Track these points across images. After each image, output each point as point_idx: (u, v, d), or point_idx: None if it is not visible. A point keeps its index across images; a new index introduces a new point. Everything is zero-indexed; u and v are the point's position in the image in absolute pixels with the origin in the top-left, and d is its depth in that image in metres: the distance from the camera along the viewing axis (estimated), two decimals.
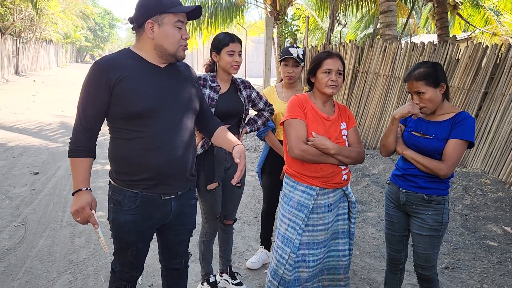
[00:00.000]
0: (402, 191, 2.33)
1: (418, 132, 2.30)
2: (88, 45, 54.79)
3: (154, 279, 3.02)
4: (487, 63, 5.60)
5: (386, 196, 2.50)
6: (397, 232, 2.44)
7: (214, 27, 13.89)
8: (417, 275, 2.40)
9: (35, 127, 8.99)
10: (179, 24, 1.79)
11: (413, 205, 2.30)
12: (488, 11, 13.79)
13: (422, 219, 2.27)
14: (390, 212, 2.45)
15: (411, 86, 2.26)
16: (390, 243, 2.49)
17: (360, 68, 7.55)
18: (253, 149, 7.65)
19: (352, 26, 18.90)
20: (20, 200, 4.59)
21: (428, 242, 2.28)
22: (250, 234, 3.94)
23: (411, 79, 2.25)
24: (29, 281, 2.95)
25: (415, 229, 2.31)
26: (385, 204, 2.50)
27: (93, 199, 1.83)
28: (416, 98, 2.24)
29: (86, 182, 1.81)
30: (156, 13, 1.76)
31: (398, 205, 2.39)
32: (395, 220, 2.43)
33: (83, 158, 1.80)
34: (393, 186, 2.42)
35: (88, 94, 1.77)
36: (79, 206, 1.78)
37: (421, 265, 2.33)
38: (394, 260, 2.51)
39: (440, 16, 8.87)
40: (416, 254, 2.34)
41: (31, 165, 6.01)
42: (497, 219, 4.17)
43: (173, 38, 1.79)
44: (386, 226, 2.49)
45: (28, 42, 26.47)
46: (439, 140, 2.21)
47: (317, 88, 2.28)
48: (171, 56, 1.84)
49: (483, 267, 3.42)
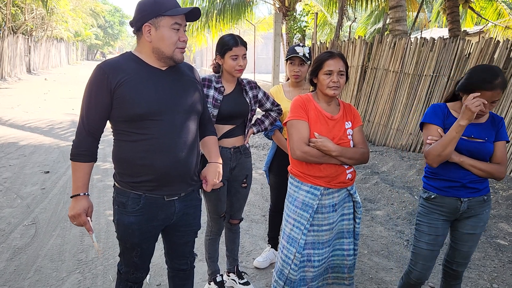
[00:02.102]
0: (464, 200, 2.19)
1: (468, 137, 2.15)
2: (98, 42, 55.20)
3: (162, 279, 3.04)
4: (498, 58, 5.50)
5: (430, 211, 2.26)
6: (439, 246, 2.28)
7: (223, 24, 13.88)
8: (449, 273, 2.38)
9: (46, 125, 9.10)
10: (176, 26, 1.79)
11: (472, 210, 2.23)
12: (501, 4, 13.54)
13: (478, 218, 2.24)
14: (439, 226, 2.24)
15: (492, 96, 2.03)
16: (426, 260, 2.27)
17: (369, 64, 7.48)
18: (261, 146, 7.65)
19: (361, 21, 18.71)
20: (31, 199, 4.65)
21: (476, 240, 2.28)
22: (258, 233, 3.94)
23: (497, 88, 2.01)
24: (39, 280, 3.00)
25: (468, 229, 2.26)
26: (428, 219, 2.26)
27: (90, 205, 1.88)
28: (487, 106, 2.04)
29: (85, 188, 1.86)
30: (153, 16, 1.76)
31: (450, 216, 2.24)
32: (441, 233, 2.26)
33: (84, 162, 1.84)
34: (445, 199, 2.21)
35: (90, 98, 1.79)
36: (76, 212, 1.84)
37: (460, 261, 2.32)
38: (422, 278, 2.31)
39: (452, 10, 8.73)
40: (457, 252, 2.31)
41: (42, 164, 6.09)
42: (508, 218, 4.11)
43: (170, 41, 1.79)
44: (428, 242, 2.26)
45: (40, 40, 26.76)
46: (491, 142, 2.16)
47: (319, 89, 2.26)
48: (168, 59, 1.83)
49: (493, 266, 3.38)
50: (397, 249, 3.67)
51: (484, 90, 2.01)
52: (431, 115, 2.23)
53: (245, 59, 2.53)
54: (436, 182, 2.24)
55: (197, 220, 2.11)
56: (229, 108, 2.53)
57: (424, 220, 2.29)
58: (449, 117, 2.21)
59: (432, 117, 2.22)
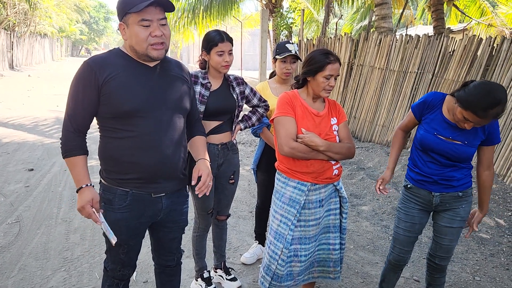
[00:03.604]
0: (436, 195, 2.27)
1: (446, 137, 2.17)
2: (83, 38, 54.42)
3: (149, 276, 3.03)
4: (481, 55, 5.60)
5: (407, 199, 2.38)
6: (415, 233, 2.39)
7: (210, 20, 13.81)
8: (433, 266, 2.43)
9: (30, 122, 8.96)
10: (145, 23, 1.72)
11: (447, 203, 2.28)
12: (484, 2, 13.76)
13: (454, 212, 2.28)
14: (415, 214, 2.35)
15: (481, 122, 2.00)
16: (402, 244, 2.40)
17: (355, 61, 7.53)
18: (248, 143, 7.65)
19: (348, 18, 18.82)
20: (15, 197, 4.58)
21: (455, 234, 2.32)
22: (245, 229, 3.95)
23: (490, 117, 1.96)
24: (24, 279, 2.96)
25: (445, 222, 2.30)
26: (405, 206, 2.38)
27: (94, 196, 1.83)
28: (473, 125, 2.04)
29: (86, 179, 1.83)
30: (123, 15, 1.75)
31: (426, 207, 2.33)
32: (417, 221, 2.35)
33: (77, 156, 1.82)
34: (420, 190, 2.31)
35: (77, 94, 1.76)
36: (80, 205, 1.81)
37: (442, 256, 2.36)
38: (400, 261, 2.45)
39: (436, 7, 8.84)
40: (438, 246, 2.35)
41: (26, 162, 5.99)
42: (490, 212, 4.20)
43: (138, 38, 1.73)
44: (404, 228, 2.38)
45: (23, 36, 26.25)
46: (473, 146, 2.16)
47: (313, 89, 2.26)
48: (144, 56, 1.78)
49: (475, 259, 3.45)
50: (382, 243, 3.72)
51: (473, 114, 1.96)
52: (418, 103, 2.30)
53: (231, 55, 2.52)
54: (413, 173, 2.34)
55: (184, 217, 2.10)
56: (216, 104, 2.53)
57: (402, 208, 2.41)
58: (435, 112, 2.22)
59: (416, 105, 2.32)
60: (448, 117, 2.18)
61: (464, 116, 2.01)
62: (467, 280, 3.13)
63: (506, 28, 12.54)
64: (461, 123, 2.08)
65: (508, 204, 4.34)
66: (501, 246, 3.64)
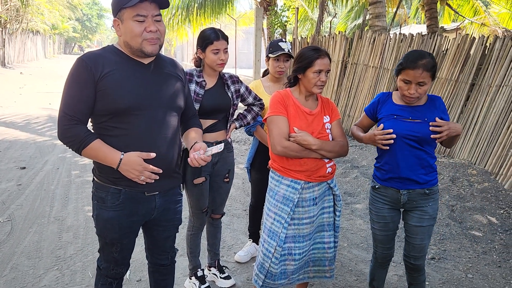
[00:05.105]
0: (403, 192, 2.28)
1: (406, 118, 2.23)
2: (76, 35, 54.02)
3: (142, 274, 3.02)
4: (474, 54, 5.63)
5: (376, 200, 2.39)
6: (391, 231, 2.42)
7: (204, 18, 13.75)
8: (409, 266, 2.44)
9: (22, 120, 8.88)
10: (140, 18, 1.72)
11: (414, 201, 2.30)
12: (477, 2, 13.85)
13: (422, 211, 2.29)
14: (385, 214, 2.37)
15: (416, 76, 2.11)
16: (383, 243, 2.44)
17: (349, 59, 7.55)
18: (243, 141, 7.65)
19: (342, 16, 18.85)
20: (7, 195, 4.54)
21: (426, 232, 2.32)
22: (239, 228, 3.95)
23: (419, 67, 2.09)
24: (16, 278, 2.93)
25: (415, 222, 2.31)
26: (375, 207, 2.40)
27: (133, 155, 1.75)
28: (414, 87, 2.14)
29: (116, 152, 1.75)
30: (117, 11, 1.74)
31: (395, 205, 2.35)
32: (389, 220, 2.38)
33: (94, 141, 1.75)
34: (387, 190, 2.33)
35: (72, 91, 1.74)
36: (132, 167, 1.74)
37: (416, 255, 2.37)
38: (385, 257, 2.49)
39: (430, 6, 8.89)
40: (411, 245, 2.36)
41: (18, 160, 5.94)
42: (483, 210, 4.23)
43: (133, 33, 1.73)
44: (379, 228, 2.41)
45: (14, 33, 25.99)
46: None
47: (305, 86, 2.26)
48: (138, 51, 1.77)
49: (468, 257, 3.47)
50: None
51: (407, 69, 2.13)
52: (370, 104, 2.42)
53: (227, 53, 2.51)
54: (380, 173, 2.36)
55: (178, 215, 2.10)
56: (211, 103, 2.52)
57: (372, 209, 2.44)
58: (386, 104, 2.33)
59: (368, 106, 2.42)
60: (399, 102, 2.29)
61: (403, 79, 2.16)
62: (460, 278, 3.15)
63: (499, 28, 12.63)
64: (405, 92, 2.18)
65: (500, 202, 4.37)
66: (494, 244, 3.66)
